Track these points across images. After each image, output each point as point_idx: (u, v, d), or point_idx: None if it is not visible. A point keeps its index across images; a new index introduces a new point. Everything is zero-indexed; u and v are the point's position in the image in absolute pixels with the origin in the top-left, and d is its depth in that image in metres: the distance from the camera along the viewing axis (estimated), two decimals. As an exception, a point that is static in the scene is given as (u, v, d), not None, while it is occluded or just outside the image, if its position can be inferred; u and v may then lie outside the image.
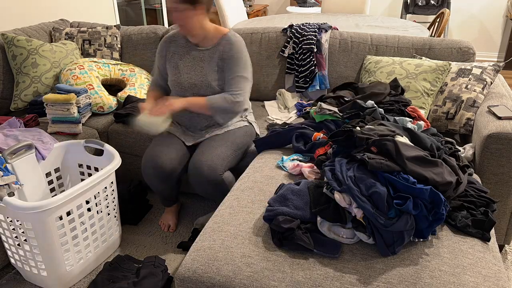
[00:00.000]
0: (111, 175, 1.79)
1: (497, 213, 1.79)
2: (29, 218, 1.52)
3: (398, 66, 2.17)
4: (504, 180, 1.72)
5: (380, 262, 1.19)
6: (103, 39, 2.71)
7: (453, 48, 2.24)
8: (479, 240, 1.28)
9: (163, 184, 1.89)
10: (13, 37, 2.41)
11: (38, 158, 1.86)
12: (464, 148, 1.81)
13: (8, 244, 1.71)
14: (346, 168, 1.31)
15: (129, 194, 2.14)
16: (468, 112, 1.95)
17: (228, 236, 1.32)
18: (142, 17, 4.55)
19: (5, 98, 2.44)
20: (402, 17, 4.86)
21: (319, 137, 1.77)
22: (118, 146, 2.29)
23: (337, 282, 1.14)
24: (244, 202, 1.48)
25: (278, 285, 1.15)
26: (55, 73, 2.46)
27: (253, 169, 1.72)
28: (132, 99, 2.37)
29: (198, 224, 2.06)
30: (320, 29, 2.48)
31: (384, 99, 1.87)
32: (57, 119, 2.12)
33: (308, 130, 1.83)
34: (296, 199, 1.35)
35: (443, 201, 1.20)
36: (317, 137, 1.77)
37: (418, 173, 1.23)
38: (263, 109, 2.48)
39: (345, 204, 1.26)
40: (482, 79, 2.02)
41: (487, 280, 1.13)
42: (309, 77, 2.43)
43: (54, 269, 1.66)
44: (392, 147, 1.28)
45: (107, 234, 1.86)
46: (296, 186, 1.41)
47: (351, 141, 1.43)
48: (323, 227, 1.30)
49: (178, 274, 1.23)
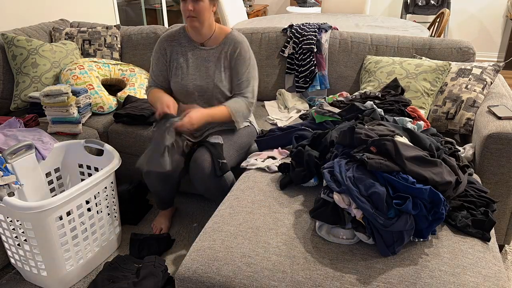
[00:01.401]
0: (111, 175, 1.79)
1: (497, 213, 1.79)
2: (29, 218, 1.52)
3: (398, 66, 2.17)
4: (504, 180, 1.72)
5: (380, 262, 1.19)
6: (103, 39, 2.71)
7: (453, 48, 2.24)
8: (479, 240, 1.28)
9: (164, 185, 1.89)
10: (13, 37, 2.41)
11: (38, 158, 1.86)
12: (464, 148, 1.81)
13: (8, 244, 1.71)
14: (345, 169, 1.31)
15: (129, 194, 2.14)
16: (468, 112, 1.95)
17: (228, 236, 1.32)
18: (142, 17, 4.55)
19: (5, 98, 2.44)
20: (402, 17, 4.86)
21: None
22: (118, 146, 2.29)
23: (337, 282, 1.14)
24: (244, 202, 1.48)
25: (278, 285, 1.15)
26: (55, 73, 2.46)
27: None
28: (132, 99, 2.37)
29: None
30: (320, 29, 2.48)
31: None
32: (57, 120, 2.12)
33: (308, 131, 1.83)
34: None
35: (443, 201, 1.20)
36: None
37: (418, 173, 1.23)
38: (263, 109, 2.48)
39: (344, 205, 1.26)
40: (482, 79, 2.02)
41: (487, 280, 1.14)
42: (309, 77, 2.43)
43: (54, 269, 1.66)
44: (392, 147, 1.28)
45: (107, 234, 1.86)
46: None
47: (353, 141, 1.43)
48: (321, 231, 1.30)
49: (178, 274, 1.23)
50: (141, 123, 2.23)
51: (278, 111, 2.42)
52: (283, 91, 2.49)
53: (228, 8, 3.93)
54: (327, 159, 1.50)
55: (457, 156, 1.55)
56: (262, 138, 1.89)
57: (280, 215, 1.41)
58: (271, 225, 1.36)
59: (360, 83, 2.32)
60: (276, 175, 1.65)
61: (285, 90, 2.50)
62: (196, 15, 1.75)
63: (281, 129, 1.90)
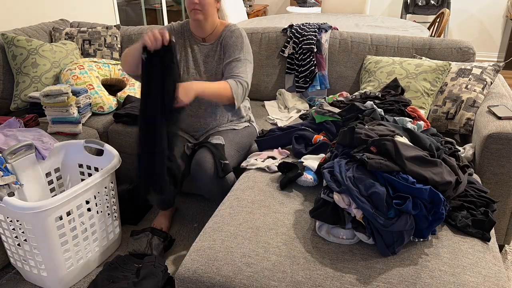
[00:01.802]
0: (111, 175, 1.79)
1: (497, 213, 1.79)
2: (29, 218, 1.52)
3: (398, 66, 2.17)
4: (504, 180, 1.72)
5: (380, 262, 1.19)
6: (103, 39, 2.71)
7: (453, 48, 2.24)
8: (479, 240, 1.28)
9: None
10: (13, 37, 2.41)
11: (38, 158, 1.86)
12: (464, 148, 1.81)
13: (8, 244, 1.71)
14: (345, 169, 1.31)
15: (129, 194, 2.14)
16: (468, 112, 1.95)
17: (228, 236, 1.32)
18: (142, 17, 4.55)
19: (5, 98, 2.44)
20: (402, 17, 4.86)
21: (319, 140, 1.76)
22: (118, 146, 2.29)
23: (337, 282, 1.14)
24: (244, 202, 1.48)
25: (278, 285, 1.15)
26: (55, 73, 2.46)
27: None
28: (132, 99, 2.37)
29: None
30: (320, 29, 2.48)
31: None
32: (57, 120, 2.12)
33: (308, 131, 1.82)
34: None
35: (443, 200, 1.20)
36: (317, 140, 1.77)
37: (418, 173, 1.23)
38: (263, 109, 2.48)
39: (344, 205, 1.26)
40: (482, 79, 2.02)
41: (487, 280, 1.13)
42: (309, 77, 2.43)
43: (54, 269, 1.66)
44: (392, 147, 1.28)
45: (107, 234, 1.86)
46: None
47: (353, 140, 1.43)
48: (321, 231, 1.30)
49: (178, 274, 1.23)
50: (141, 123, 2.24)
51: (278, 111, 2.42)
52: (283, 91, 2.49)
53: (228, 8, 3.93)
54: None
55: (457, 156, 1.55)
56: (262, 138, 1.89)
57: (280, 215, 1.41)
58: (271, 225, 1.36)
59: (360, 83, 2.32)
60: (276, 175, 1.65)
61: (285, 90, 2.50)
62: (201, 8, 1.77)
63: (281, 129, 1.90)
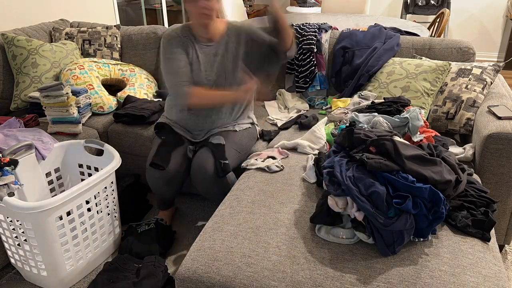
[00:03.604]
0: (111, 175, 1.79)
1: (497, 213, 1.79)
2: (29, 218, 1.52)
3: (398, 66, 2.17)
4: (504, 180, 1.72)
5: (380, 262, 1.19)
6: (103, 39, 2.71)
7: (453, 48, 2.24)
8: (479, 240, 1.28)
9: (167, 186, 1.88)
10: (13, 37, 2.41)
11: (38, 158, 1.86)
12: (464, 148, 1.81)
13: (8, 244, 1.71)
14: (345, 169, 1.31)
15: (129, 194, 2.14)
16: (468, 112, 1.95)
17: (228, 236, 1.32)
18: (142, 17, 4.55)
19: (5, 98, 2.44)
20: (402, 17, 4.86)
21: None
22: (118, 146, 2.29)
23: (337, 282, 1.14)
24: (244, 202, 1.48)
25: (278, 285, 1.15)
26: (55, 73, 2.46)
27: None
28: (132, 99, 2.37)
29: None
30: (320, 29, 2.48)
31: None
32: (57, 120, 2.12)
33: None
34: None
35: (443, 199, 1.20)
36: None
37: (417, 172, 1.23)
38: (263, 109, 2.48)
39: (338, 209, 1.26)
40: (482, 79, 2.02)
41: (487, 280, 1.13)
42: (309, 77, 2.43)
43: (54, 269, 1.66)
44: (391, 146, 1.28)
45: (107, 234, 1.86)
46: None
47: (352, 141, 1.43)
48: (320, 232, 1.30)
49: (178, 274, 1.23)
50: (141, 123, 2.24)
51: (278, 111, 2.42)
52: (283, 91, 2.49)
53: (228, 8, 3.93)
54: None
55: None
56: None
57: (280, 215, 1.41)
58: (271, 225, 1.36)
59: (360, 83, 2.32)
60: (276, 175, 1.65)
61: (285, 90, 2.50)
62: (209, 13, 1.78)
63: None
